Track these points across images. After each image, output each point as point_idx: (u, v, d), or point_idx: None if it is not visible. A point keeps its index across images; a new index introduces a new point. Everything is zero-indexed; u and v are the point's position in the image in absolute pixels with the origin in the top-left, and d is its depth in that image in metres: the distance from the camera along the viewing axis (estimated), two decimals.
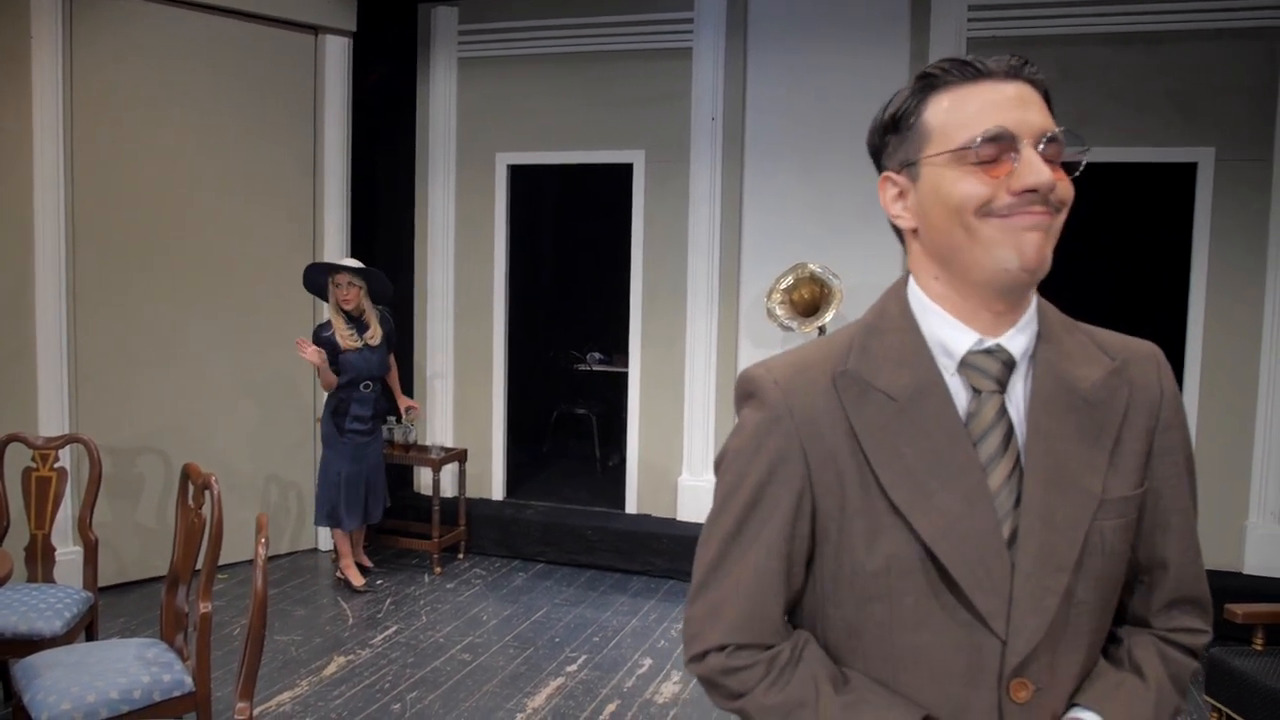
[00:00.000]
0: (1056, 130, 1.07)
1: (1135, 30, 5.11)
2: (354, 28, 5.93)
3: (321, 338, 5.12)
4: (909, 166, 1.13)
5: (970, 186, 1.06)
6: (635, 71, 5.96)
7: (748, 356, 5.90)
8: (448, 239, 6.38)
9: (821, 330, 5.42)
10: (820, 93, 5.67)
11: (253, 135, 5.62)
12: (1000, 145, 1.06)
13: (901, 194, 1.16)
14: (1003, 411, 1.11)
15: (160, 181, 5.28)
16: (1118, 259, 6.53)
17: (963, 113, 1.08)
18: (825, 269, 5.46)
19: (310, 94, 5.86)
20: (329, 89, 5.88)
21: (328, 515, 5.27)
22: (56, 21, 4.81)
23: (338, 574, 5.43)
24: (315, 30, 5.82)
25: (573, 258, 9.30)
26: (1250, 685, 3.12)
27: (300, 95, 5.82)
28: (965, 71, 1.09)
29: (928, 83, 1.12)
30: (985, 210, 1.06)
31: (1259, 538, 5.04)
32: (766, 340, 5.82)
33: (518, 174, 6.37)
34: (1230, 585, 4.67)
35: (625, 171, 6.06)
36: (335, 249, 5.94)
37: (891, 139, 1.16)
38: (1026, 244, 1.05)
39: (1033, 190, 1.04)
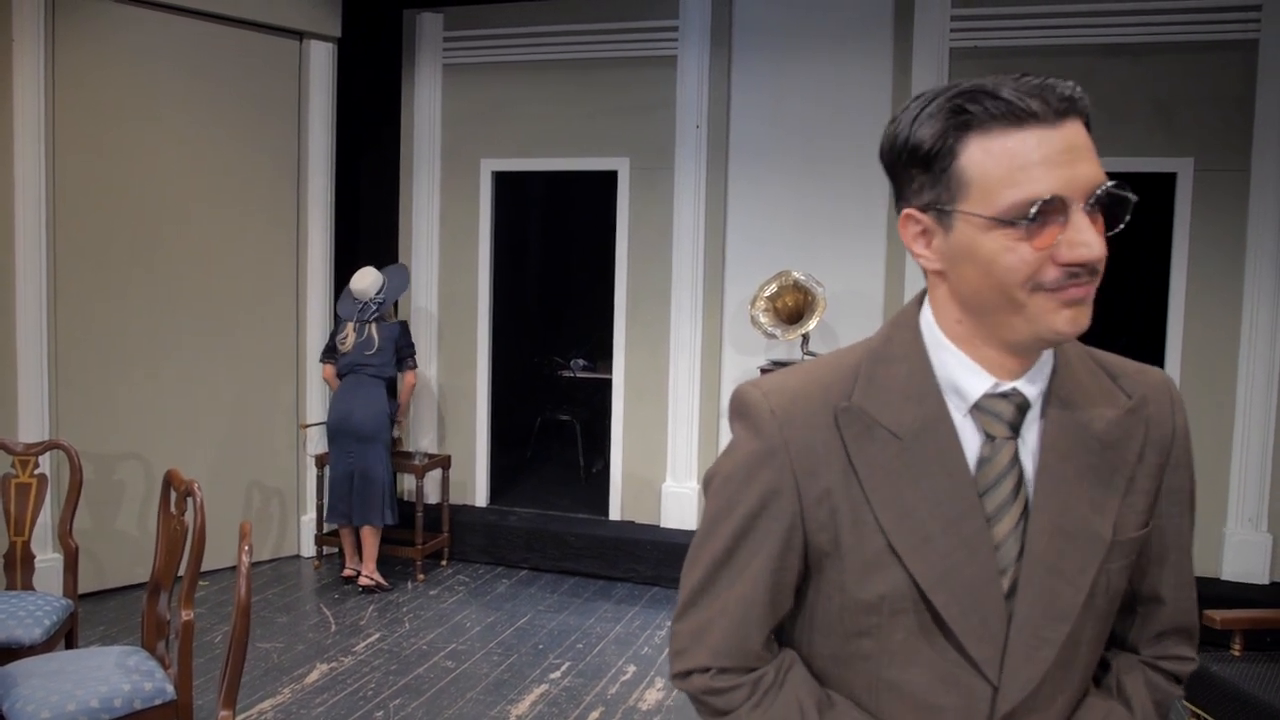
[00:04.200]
0: (1107, 185, 0.99)
1: (1116, 41, 5.16)
2: (339, 33, 5.93)
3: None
4: (940, 213, 1.03)
5: (1016, 262, 0.99)
6: (620, 79, 5.98)
7: (732, 364, 5.92)
8: (432, 245, 6.37)
9: (805, 338, 5.45)
10: (804, 101, 5.70)
11: (237, 141, 5.60)
12: (1049, 212, 0.97)
13: (926, 233, 1.07)
14: (1015, 459, 1.08)
15: (143, 187, 5.26)
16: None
17: (1008, 169, 0.98)
18: (809, 276, 5.48)
19: (295, 100, 5.85)
20: (313, 95, 5.87)
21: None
22: (38, 25, 4.78)
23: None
24: (300, 36, 5.81)
25: (557, 264, 9.33)
26: (1228, 691, 3.15)
27: (285, 101, 5.80)
28: (1010, 113, 0.98)
29: (964, 120, 0.99)
30: (1033, 286, 0.99)
31: (1237, 544, 5.08)
32: (750, 347, 5.84)
33: (502, 180, 6.37)
34: (1209, 592, 4.71)
35: (610, 179, 6.07)
36: (319, 255, 5.93)
37: (918, 175, 1.04)
38: (1065, 320, 1.00)
39: (1080, 264, 0.98)
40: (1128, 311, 6.02)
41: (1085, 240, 0.97)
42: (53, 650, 3.36)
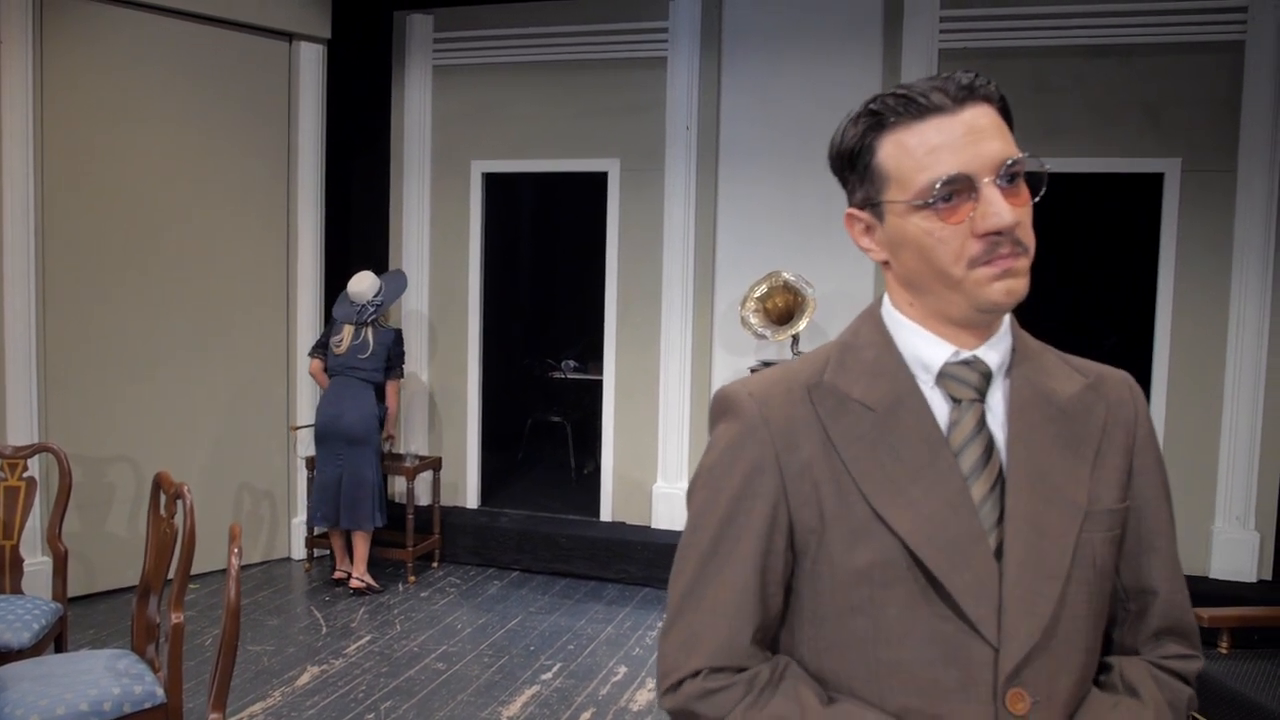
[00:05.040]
0: (1016, 156, 1.07)
1: (1104, 43, 5.18)
2: (329, 35, 5.92)
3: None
4: (872, 206, 1.14)
5: (936, 241, 1.07)
6: (610, 80, 5.98)
7: (722, 364, 5.92)
8: (422, 247, 6.37)
9: (795, 339, 5.46)
10: (794, 102, 5.71)
11: (227, 143, 5.58)
12: (958, 190, 1.06)
13: (869, 228, 1.16)
14: (983, 422, 1.12)
15: (133, 189, 5.24)
16: (1087, 267, 6.62)
17: (914, 157, 1.08)
18: (799, 277, 5.49)
19: (285, 101, 5.84)
20: (303, 96, 5.86)
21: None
22: (27, 27, 4.76)
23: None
24: (290, 37, 5.80)
25: (548, 266, 9.32)
26: (1216, 688, 3.16)
27: (275, 102, 5.79)
28: (910, 108, 1.08)
29: (875, 120, 1.11)
30: (967, 262, 1.07)
31: (1224, 542, 5.11)
32: (740, 348, 5.85)
33: (493, 182, 6.37)
34: (1197, 589, 4.66)
35: (600, 180, 6.07)
36: (310, 257, 5.92)
37: (850, 176, 1.16)
38: (999, 291, 1.07)
39: (997, 233, 1.05)
40: (1117, 310, 6.04)
41: (996, 210, 1.05)
42: (42, 654, 3.34)
